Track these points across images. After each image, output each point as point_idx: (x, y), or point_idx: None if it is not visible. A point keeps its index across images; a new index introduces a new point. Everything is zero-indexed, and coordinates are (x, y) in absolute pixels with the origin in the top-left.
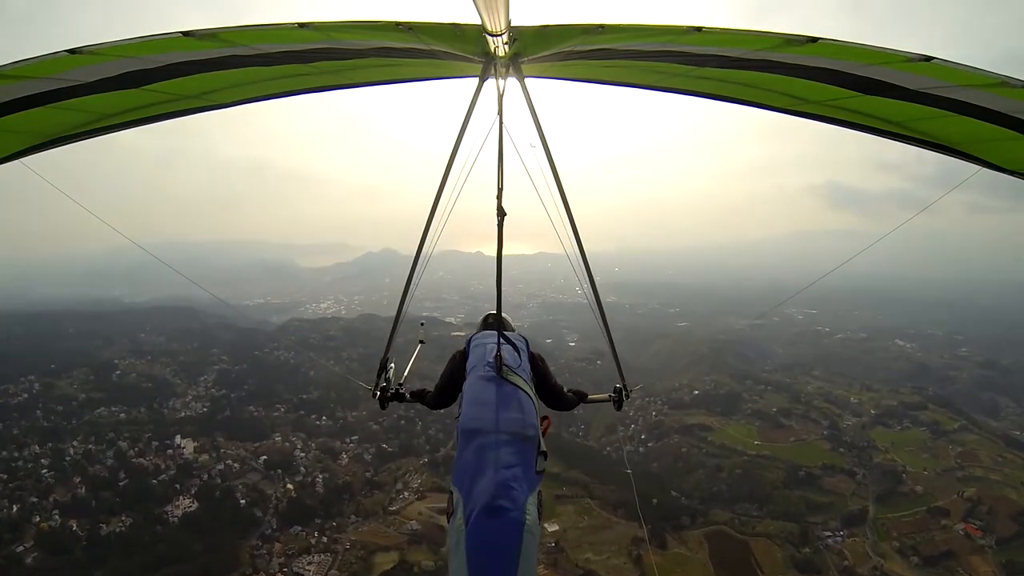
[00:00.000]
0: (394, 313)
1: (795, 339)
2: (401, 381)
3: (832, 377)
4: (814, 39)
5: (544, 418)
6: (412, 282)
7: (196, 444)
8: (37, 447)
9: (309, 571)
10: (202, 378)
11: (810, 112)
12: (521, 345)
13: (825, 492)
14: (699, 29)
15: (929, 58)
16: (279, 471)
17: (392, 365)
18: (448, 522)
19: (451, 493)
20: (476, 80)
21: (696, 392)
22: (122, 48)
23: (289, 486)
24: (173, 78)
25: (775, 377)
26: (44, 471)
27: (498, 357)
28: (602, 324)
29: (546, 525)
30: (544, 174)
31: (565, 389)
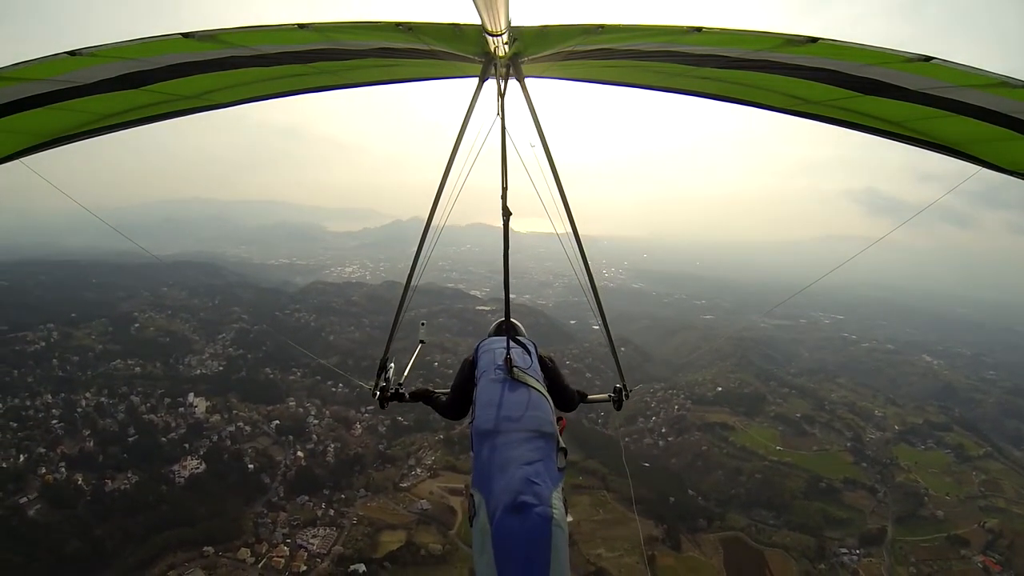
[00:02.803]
0: (419, 283)
1: (821, 344)
2: (401, 381)
3: (857, 387)
4: (814, 39)
5: (560, 418)
6: (411, 283)
7: (209, 404)
8: (50, 396)
9: (313, 544)
10: (220, 336)
11: (810, 112)
12: (530, 347)
13: (845, 507)
14: (699, 29)
15: (929, 58)
16: (290, 437)
17: (392, 365)
18: (471, 525)
19: (471, 496)
20: (478, 80)
21: (720, 389)
22: (122, 50)
23: (299, 453)
24: (173, 79)
25: (799, 381)
26: (54, 422)
27: (507, 359)
28: (602, 324)
29: None
30: (544, 174)
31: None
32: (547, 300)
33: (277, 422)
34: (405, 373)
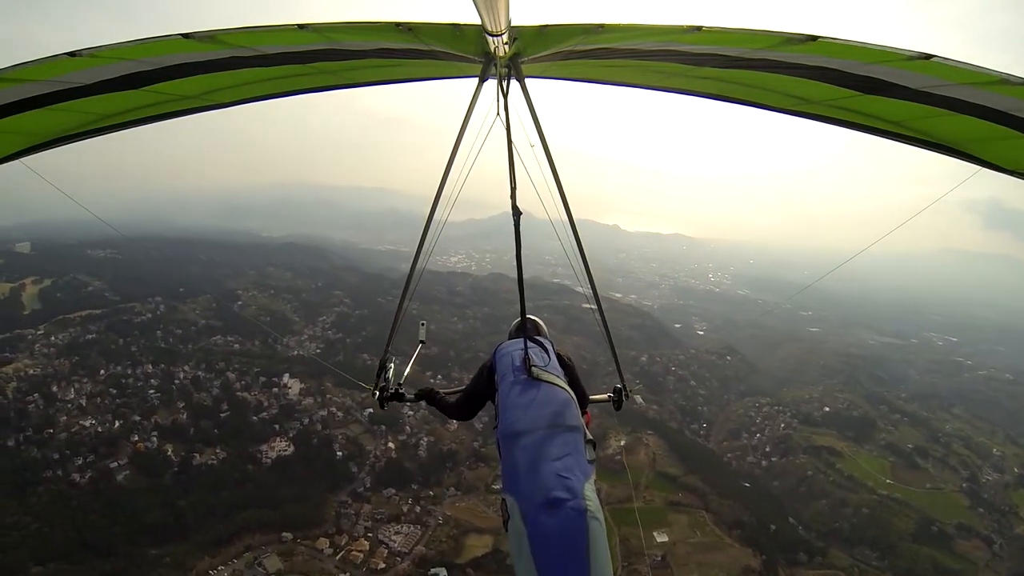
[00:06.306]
0: (526, 276)
1: (933, 367)
2: (401, 381)
3: (973, 419)
4: (814, 37)
5: (584, 412)
6: (412, 281)
7: (303, 386)
8: (150, 367)
9: (395, 542)
10: (321, 319)
11: (810, 112)
12: (548, 345)
13: (956, 556)
14: (699, 28)
15: (929, 56)
16: (383, 427)
17: (392, 364)
18: (506, 530)
19: (503, 500)
20: (478, 80)
21: (827, 409)
22: (122, 51)
23: (391, 445)
24: (174, 79)
25: (911, 407)
26: (152, 391)
27: (526, 359)
28: (601, 324)
29: (655, 534)
30: (544, 174)
31: None
32: (653, 302)
33: (370, 410)
34: (405, 373)
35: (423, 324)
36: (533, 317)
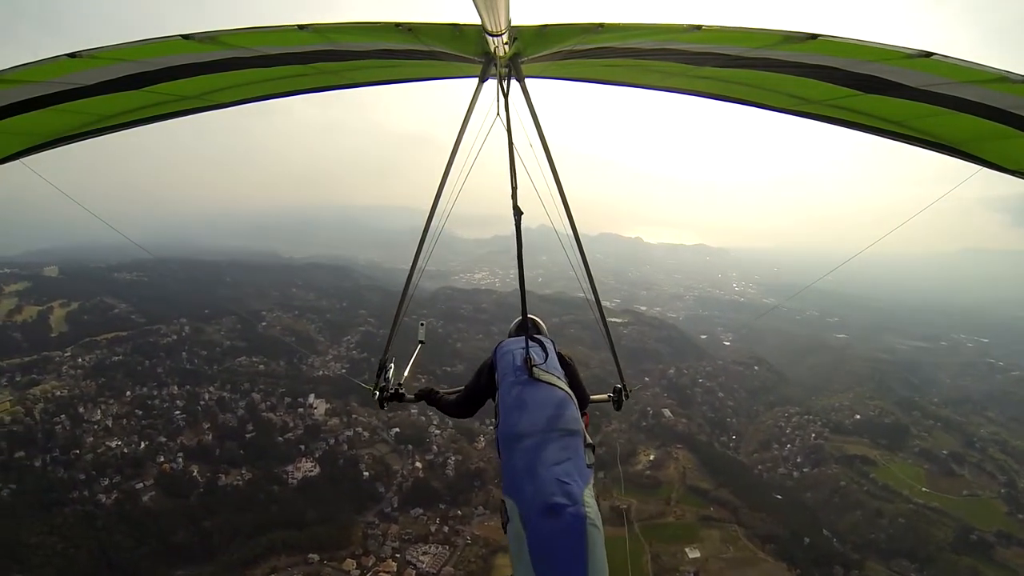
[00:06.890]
0: (548, 292)
1: (964, 370)
2: (401, 381)
3: (1008, 423)
4: (814, 36)
5: (583, 414)
6: (411, 284)
7: (328, 406)
8: (176, 388)
9: (423, 562)
10: (345, 338)
11: (811, 112)
12: (548, 345)
13: (997, 565)
14: (699, 27)
15: (929, 54)
16: (410, 446)
17: (392, 365)
18: (505, 532)
19: (503, 503)
20: (478, 80)
21: (858, 417)
22: (122, 52)
23: (418, 464)
24: (174, 79)
25: (944, 412)
26: (177, 412)
27: (527, 359)
28: (601, 324)
29: (687, 550)
30: (544, 174)
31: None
32: (677, 313)
33: (397, 430)
34: (405, 374)
35: (423, 324)
36: (533, 316)
